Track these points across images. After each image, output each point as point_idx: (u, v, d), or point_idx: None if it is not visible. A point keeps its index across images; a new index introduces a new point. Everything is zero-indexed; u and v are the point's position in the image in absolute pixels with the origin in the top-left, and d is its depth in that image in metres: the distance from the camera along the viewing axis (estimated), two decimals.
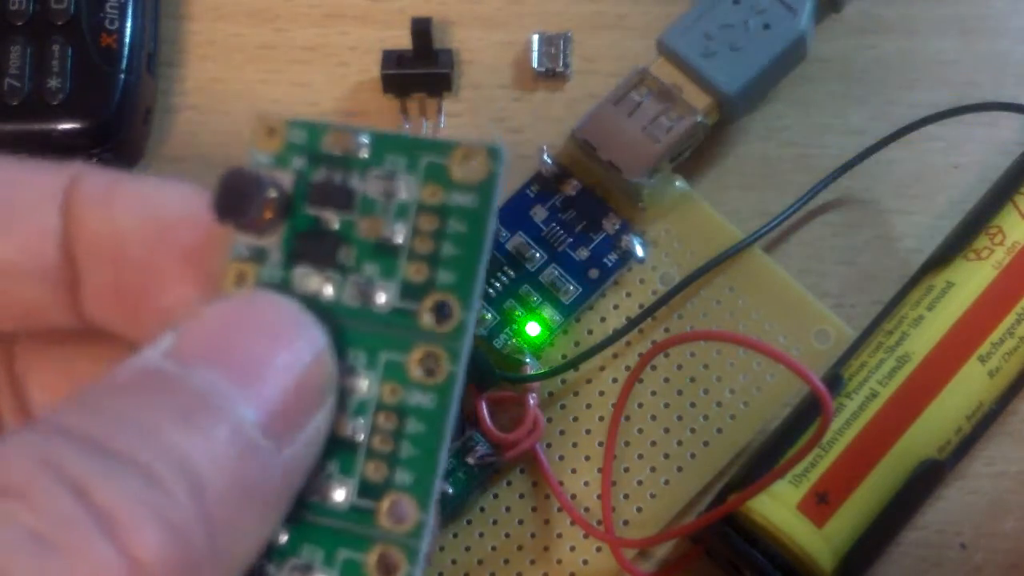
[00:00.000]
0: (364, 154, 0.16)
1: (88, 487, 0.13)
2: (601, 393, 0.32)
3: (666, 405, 0.31)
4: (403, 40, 0.34)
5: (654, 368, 0.31)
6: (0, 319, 0.17)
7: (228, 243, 0.17)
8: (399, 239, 0.16)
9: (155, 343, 0.15)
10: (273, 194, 0.16)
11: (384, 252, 0.16)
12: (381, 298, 0.16)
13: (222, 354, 0.15)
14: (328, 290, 0.16)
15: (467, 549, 0.31)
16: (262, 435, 0.14)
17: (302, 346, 0.15)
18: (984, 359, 0.29)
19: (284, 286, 0.16)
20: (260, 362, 0.15)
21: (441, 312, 0.16)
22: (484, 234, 0.16)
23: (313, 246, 0.16)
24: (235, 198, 0.16)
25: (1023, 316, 0.30)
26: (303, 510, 0.16)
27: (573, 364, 0.31)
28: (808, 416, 0.29)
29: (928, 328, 0.30)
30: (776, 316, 0.32)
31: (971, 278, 0.30)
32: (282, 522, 0.15)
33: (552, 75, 0.35)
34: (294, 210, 0.17)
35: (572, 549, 0.31)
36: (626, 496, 0.31)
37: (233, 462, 0.14)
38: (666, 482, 0.31)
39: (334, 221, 0.16)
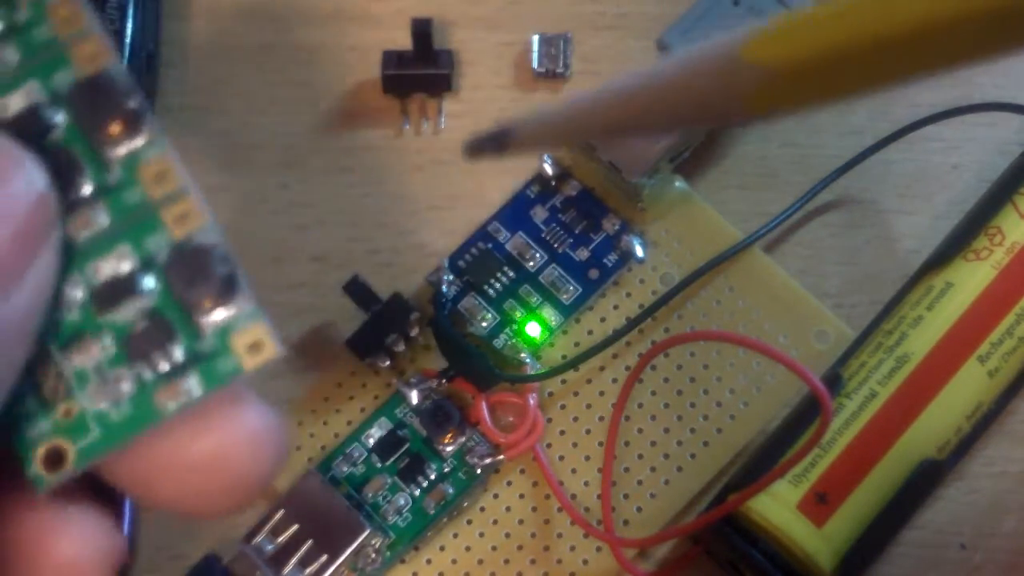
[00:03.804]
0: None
1: None
2: (601, 393, 0.32)
3: (666, 405, 0.31)
4: (403, 40, 0.34)
5: (654, 368, 0.31)
6: None
7: None
8: None
9: None
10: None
11: None
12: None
13: None
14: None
15: (467, 549, 0.31)
16: None
17: (20, 187, 0.15)
18: (983, 359, 0.29)
19: None
20: None
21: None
22: None
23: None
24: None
25: (1022, 316, 0.30)
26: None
27: (573, 364, 0.31)
28: (808, 416, 0.29)
29: (928, 328, 0.30)
30: (776, 316, 0.32)
31: (970, 278, 0.30)
32: (22, 368, 0.15)
33: (552, 76, 0.35)
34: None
35: (572, 549, 0.31)
36: (626, 496, 0.31)
37: None
38: (666, 482, 0.31)
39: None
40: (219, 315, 0.16)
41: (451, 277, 0.32)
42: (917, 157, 0.34)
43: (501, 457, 0.31)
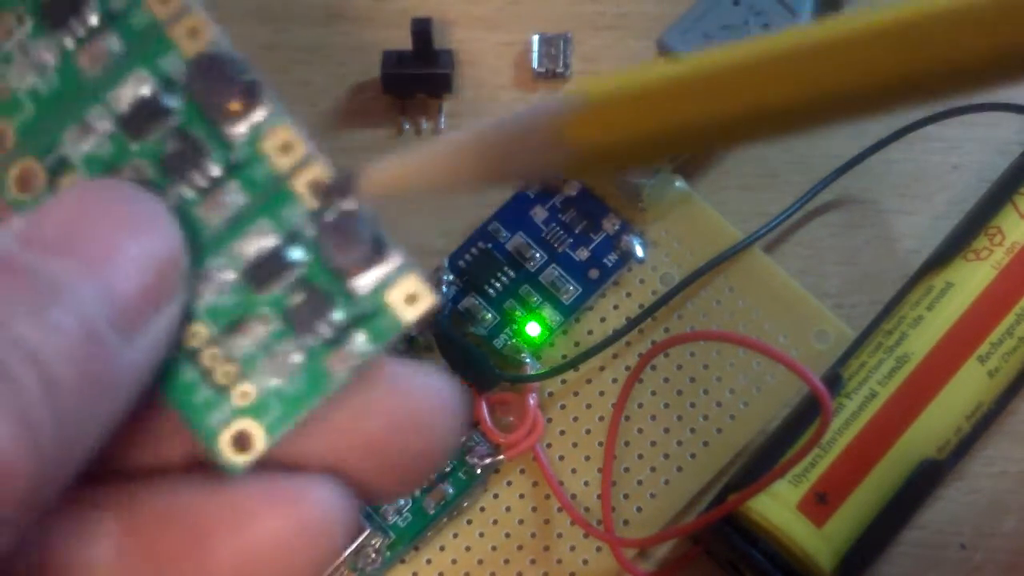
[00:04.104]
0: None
1: None
2: (601, 393, 0.32)
3: (666, 405, 0.31)
4: (403, 40, 0.34)
5: (654, 368, 0.31)
6: None
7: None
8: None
9: (2, 230, 0.15)
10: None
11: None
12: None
13: (72, 242, 0.15)
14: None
15: (467, 549, 0.31)
16: (111, 328, 0.14)
17: (155, 238, 0.15)
18: (983, 359, 0.29)
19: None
20: (111, 253, 0.15)
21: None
22: None
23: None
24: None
25: (1022, 316, 0.30)
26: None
27: (573, 364, 0.31)
28: (808, 416, 0.29)
29: (927, 328, 0.30)
30: (776, 316, 0.32)
31: (970, 278, 0.30)
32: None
33: (552, 76, 0.35)
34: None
35: (572, 549, 0.31)
36: (626, 496, 0.31)
37: (82, 355, 0.14)
38: (666, 482, 0.31)
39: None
40: (373, 274, 0.16)
41: (451, 277, 0.32)
42: (917, 157, 0.34)
43: (501, 457, 0.31)
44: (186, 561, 0.15)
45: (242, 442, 0.16)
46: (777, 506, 0.28)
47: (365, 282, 0.16)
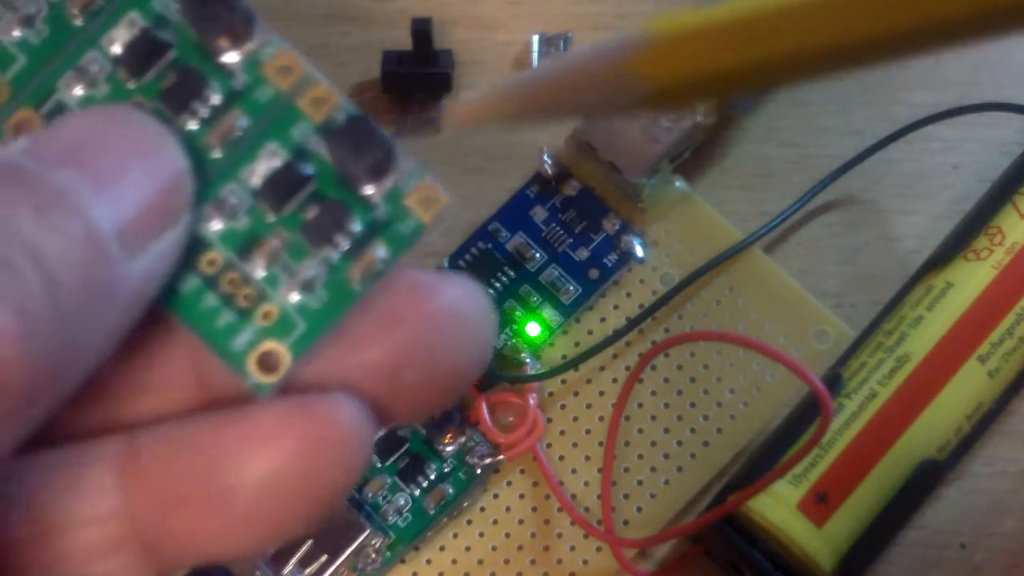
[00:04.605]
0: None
1: None
2: (601, 393, 0.32)
3: (666, 405, 0.31)
4: (403, 40, 0.34)
5: (654, 368, 0.31)
6: None
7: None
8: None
9: (8, 144, 0.15)
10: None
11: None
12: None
13: (79, 157, 0.15)
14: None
15: (467, 549, 0.31)
16: (115, 240, 0.14)
17: (162, 162, 0.15)
18: (984, 359, 0.29)
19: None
20: (118, 170, 0.15)
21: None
22: None
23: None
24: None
25: (1022, 316, 0.30)
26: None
27: (573, 364, 0.31)
28: (808, 416, 0.29)
29: (928, 328, 0.30)
30: (776, 316, 0.32)
31: (970, 278, 0.30)
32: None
33: None
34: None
35: (572, 549, 0.31)
36: (626, 496, 0.31)
37: (86, 263, 0.14)
38: (666, 482, 0.31)
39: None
40: (386, 181, 0.16)
41: None
42: (917, 157, 0.34)
43: (501, 457, 0.31)
44: (200, 496, 0.15)
45: (269, 362, 0.16)
46: (777, 506, 0.28)
47: (380, 188, 0.16)
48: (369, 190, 0.16)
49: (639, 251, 0.32)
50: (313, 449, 0.15)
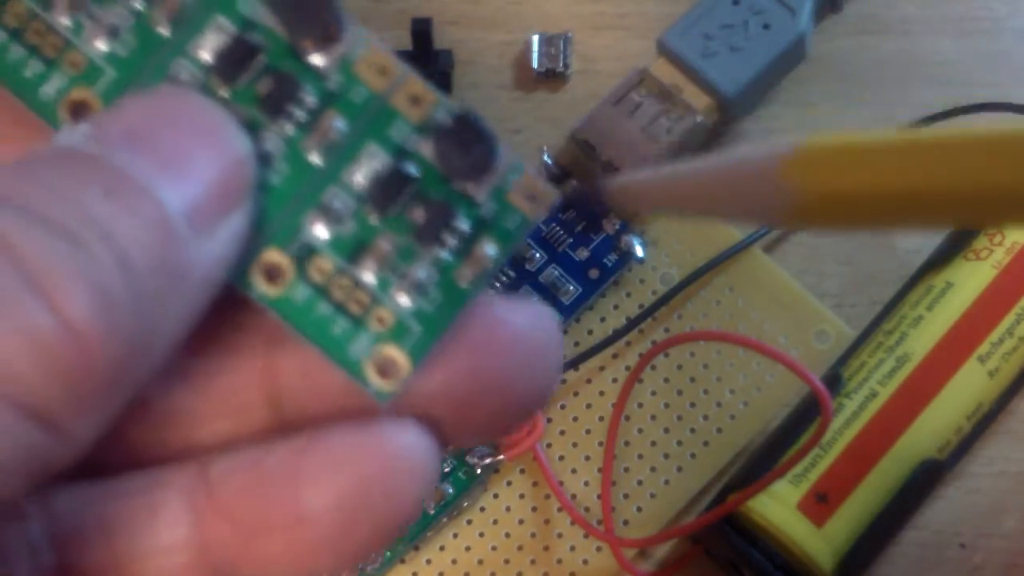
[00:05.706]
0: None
1: (16, 248, 0.13)
2: (601, 393, 0.32)
3: (666, 405, 0.31)
4: (403, 40, 0.34)
5: (654, 368, 0.31)
6: None
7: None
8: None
9: (69, 130, 0.15)
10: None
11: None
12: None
13: (144, 139, 0.14)
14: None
15: (467, 549, 0.31)
16: (185, 223, 0.14)
17: (224, 143, 0.15)
18: (983, 359, 0.29)
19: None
20: (183, 152, 0.14)
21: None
22: None
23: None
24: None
25: (1022, 316, 0.30)
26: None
27: (573, 364, 0.31)
28: (808, 416, 0.29)
29: (928, 328, 0.30)
30: (776, 316, 0.32)
31: (970, 278, 0.30)
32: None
33: (552, 75, 0.35)
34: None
35: (572, 549, 0.31)
36: (626, 496, 0.31)
37: (158, 244, 0.14)
38: (666, 482, 0.31)
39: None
40: (491, 178, 0.16)
41: None
42: None
43: (501, 457, 0.31)
44: (283, 523, 0.15)
45: (388, 368, 0.15)
46: (777, 506, 0.28)
47: (485, 185, 0.16)
48: (473, 187, 0.16)
49: (639, 251, 0.32)
50: (386, 475, 0.15)
